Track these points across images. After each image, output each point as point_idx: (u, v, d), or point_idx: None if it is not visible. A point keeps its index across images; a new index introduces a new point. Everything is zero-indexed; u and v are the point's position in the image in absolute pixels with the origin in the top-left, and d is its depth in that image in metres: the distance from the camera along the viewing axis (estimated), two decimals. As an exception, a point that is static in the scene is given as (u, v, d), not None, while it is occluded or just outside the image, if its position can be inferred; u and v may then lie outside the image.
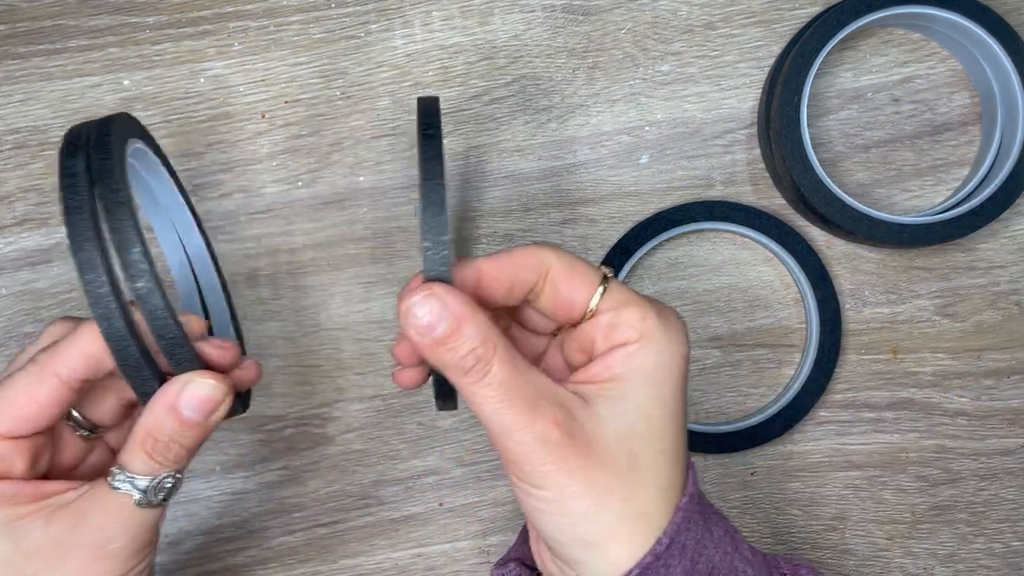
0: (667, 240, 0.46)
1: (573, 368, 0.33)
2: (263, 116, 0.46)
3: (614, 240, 0.46)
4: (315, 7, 0.46)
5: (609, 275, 0.32)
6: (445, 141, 0.46)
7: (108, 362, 0.31)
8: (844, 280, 0.47)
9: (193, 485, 0.46)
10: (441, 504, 0.47)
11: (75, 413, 0.35)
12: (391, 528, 0.47)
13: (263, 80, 0.46)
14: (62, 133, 0.45)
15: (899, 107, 0.47)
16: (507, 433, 0.30)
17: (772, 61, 0.47)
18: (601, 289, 0.32)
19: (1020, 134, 0.44)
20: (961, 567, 0.47)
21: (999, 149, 0.46)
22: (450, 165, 0.46)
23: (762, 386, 0.47)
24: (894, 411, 0.47)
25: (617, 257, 0.46)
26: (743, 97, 0.47)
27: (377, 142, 0.46)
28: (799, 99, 0.44)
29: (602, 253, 0.46)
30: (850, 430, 0.47)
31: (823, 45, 0.43)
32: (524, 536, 0.36)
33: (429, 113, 0.32)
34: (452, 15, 0.46)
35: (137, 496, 0.31)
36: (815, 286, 0.46)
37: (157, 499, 0.32)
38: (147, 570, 0.33)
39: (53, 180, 0.45)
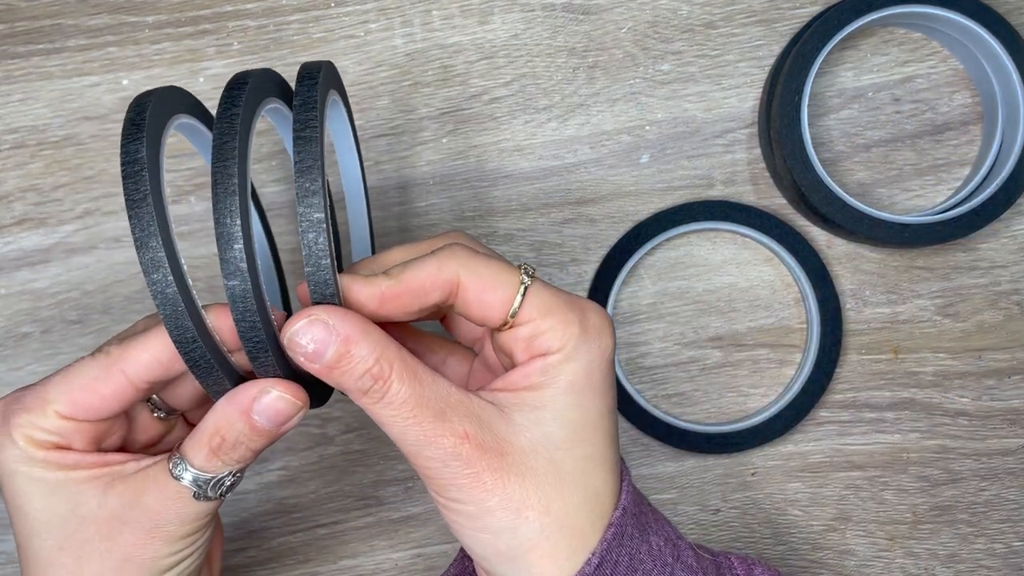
0: (667, 240, 0.46)
1: (504, 369, 0.32)
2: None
3: (614, 240, 0.46)
4: (315, 6, 0.46)
5: (527, 280, 0.31)
6: (445, 140, 0.46)
7: (178, 366, 0.30)
8: (845, 280, 0.47)
9: (192, 485, 0.46)
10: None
11: (154, 396, 0.34)
12: (391, 528, 0.47)
13: (262, 79, 0.46)
14: (61, 132, 0.45)
15: (900, 106, 0.47)
16: (417, 451, 0.29)
17: (773, 60, 0.46)
18: (519, 298, 0.30)
19: (1021, 134, 0.44)
20: (962, 567, 0.47)
21: (1000, 149, 0.45)
22: (451, 165, 0.46)
23: (762, 386, 0.47)
24: (895, 411, 0.47)
25: (617, 257, 0.46)
26: (744, 96, 0.47)
27: (377, 142, 0.46)
28: (800, 98, 0.44)
29: (602, 253, 0.46)
30: (851, 430, 0.47)
31: (824, 44, 0.43)
32: (464, 552, 0.36)
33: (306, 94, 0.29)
34: (452, 14, 0.46)
35: (194, 490, 0.31)
36: (815, 286, 0.46)
37: (215, 494, 0.31)
38: (204, 547, 0.33)
39: (53, 180, 0.45)
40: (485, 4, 0.46)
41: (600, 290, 0.46)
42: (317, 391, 0.31)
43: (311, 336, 0.28)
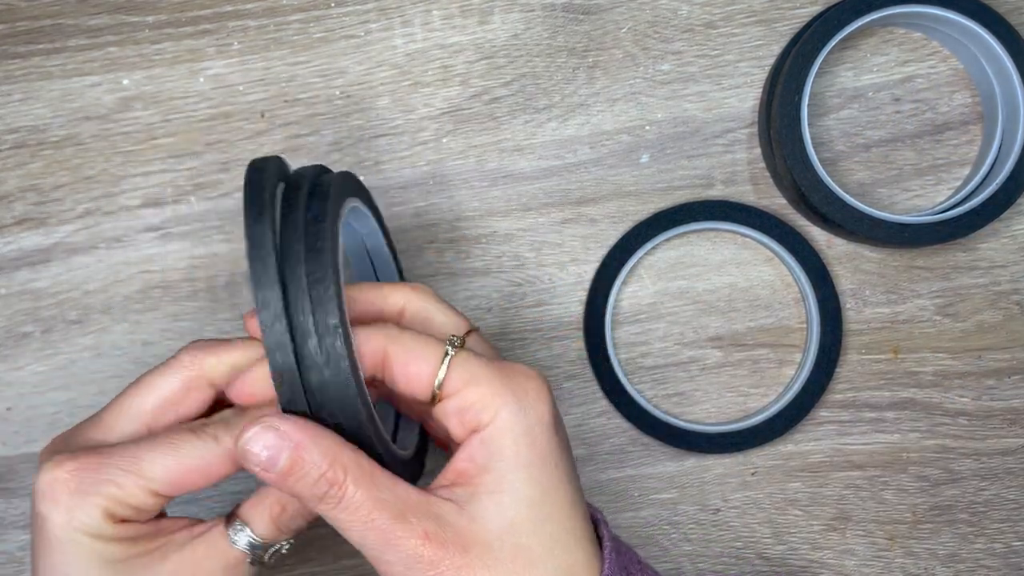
0: (667, 240, 0.46)
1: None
2: (263, 116, 0.46)
3: (614, 240, 0.46)
4: (315, 6, 0.46)
5: (451, 351, 0.30)
6: (445, 140, 0.46)
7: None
8: (845, 280, 0.47)
9: (193, 485, 0.46)
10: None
11: None
12: (391, 528, 0.47)
13: (263, 79, 0.46)
14: (61, 132, 0.45)
15: (900, 106, 0.47)
16: (378, 555, 0.29)
17: (773, 60, 0.46)
18: (443, 370, 0.30)
19: (1021, 134, 0.44)
20: (962, 567, 0.47)
21: (1000, 149, 0.45)
22: (451, 165, 0.46)
23: (762, 386, 0.47)
24: (895, 411, 0.47)
25: (617, 256, 0.46)
26: (743, 96, 0.47)
27: (376, 142, 0.46)
28: (800, 98, 0.44)
29: (602, 253, 0.46)
30: (851, 430, 0.47)
31: (824, 44, 0.43)
32: None
33: (254, 183, 0.29)
34: (452, 14, 0.46)
35: (251, 555, 0.31)
36: (815, 285, 0.46)
37: (270, 560, 0.32)
38: None
39: (53, 179, 0.45)
40: (485, 4, 0.46)
41: (600, 290, 0.46)
42: (400, 470, 0.32)
43: (263, 443, 0.28)
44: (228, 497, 0.46)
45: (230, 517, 0.32)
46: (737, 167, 0.47)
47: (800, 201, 0.45)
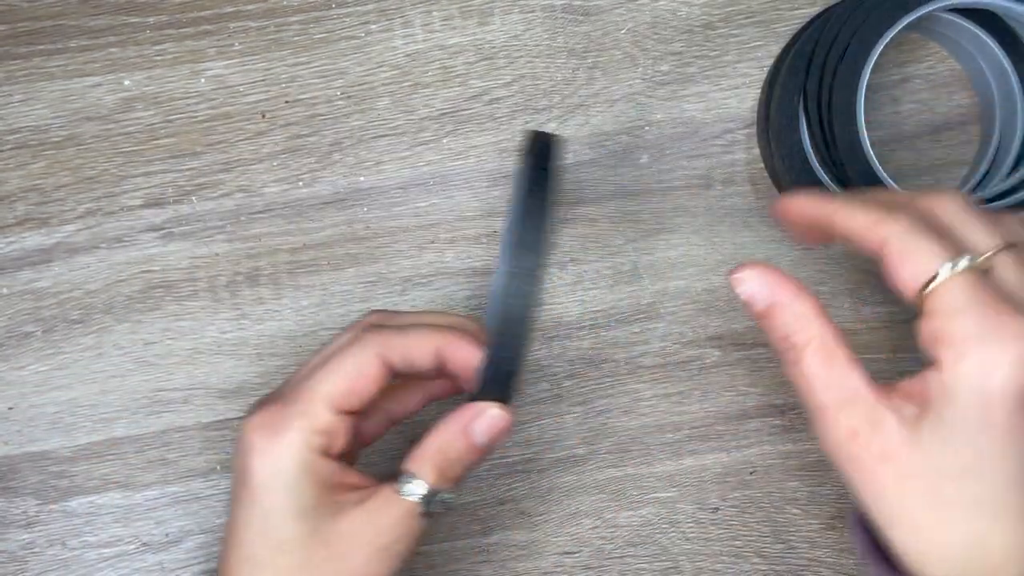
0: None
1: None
2: (263, 116, 0.46)
3: (615, 241, 0.46)
4: (315, 7, 0.46)
5: (950, 271, 0.27)
6: (445, 140, 0.46)
7: (422, 365, 0.34)
8: (843, 279, 0.47)
9: (194, 484, 0.46)
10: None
11: None
12: (391, 527, 0.47)
13: (263, 80, 0.46)
14: (63, 133, 0.45)
15: (898, 107, 0.47)
16: (813, 423, 0.31)
17: (771, 61, 0.47)
18: (936, 283, 0.28)
19: (1018, 134, 0.44)
20: (960, 566, 0.47)
21: (998, 149, 0.46)
22: (451, 165, 0.46)
23: (761, 385, 0.47)
24: (893, 410, 0.47)
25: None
26: (743, 97, 0.47)
27: (377, 142, 0.46)
28: (799, 99, 0.44)
29: (602, 252, 0.46)
30: (849, 429, 0.47)
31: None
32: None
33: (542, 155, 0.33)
34: (452, 15, 0.46)
35: (423, 507, 0.33)
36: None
37: (439, 509, 0.34)
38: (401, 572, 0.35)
39: (54, 180, 0.45)
40: (485, 5, 0.46)
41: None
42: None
43: (745, 288, 0.31)
44: (229, 497, 0.46)
45: (399, 473, 0.34)
46: (736, 167, 0.47)
47: (799, 201, 0.45)
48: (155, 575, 0.46)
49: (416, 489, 0.33)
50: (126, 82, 0.46)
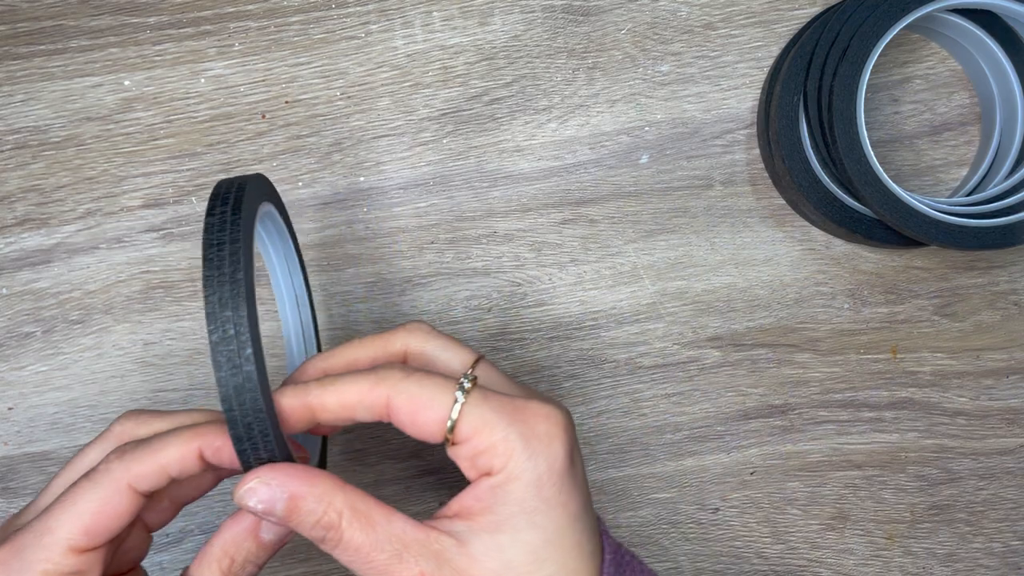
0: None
1: None
2: (263, 116, 0.46)
3: (615, 241, 0.46)
4: (315, 7, 0.46)
5: (461, 398, 0.30)
6: (445, 141, 0.46)
7: (185, 474, 0.31)
8: (843, 279, 0.47)
9: (193, 485, 0.46)
10: (441, 504, 0.47)
11: None
12: (391, 527, 0.47)
13: (264, 80, 0.46)
14: (63, 133, 0.45)
15: (898, 107, 0.47)
16: None
17: (771, 61, 0.47)
18: (455, 412, 0.30)
19: (1019, 134, 0.44)
20: (960, 567, 0.47)
21: (998, 149, 0.46)
22: (451, 165, 0.46)
23: (762, 386, 0.47)
24: (893, 411, 0.47)
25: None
26: (743, 97, 0.47)
27: (377, 142, 0.46)
28: (799, 99, 0.44)
29: (602, 252, 0.46)
30: (849, 430, 0.47)
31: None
32: None
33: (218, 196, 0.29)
34: (452, 15, 0.46)
35: None
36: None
37: None
38: None
39: (54, 180, 0.45)
40: (485, 5, 0.46)
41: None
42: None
43: (258, 498, 0.29)
44: (228, 498, 0.46)
45: None
46: (736, 168, 0.47)
47: (798, 202, 0.45)
48: (155, 575, 0.45)
49: None
50: (126, 82, 0.46)
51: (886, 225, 0.44)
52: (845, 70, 0.42)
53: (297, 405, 0.30)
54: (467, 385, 0.30)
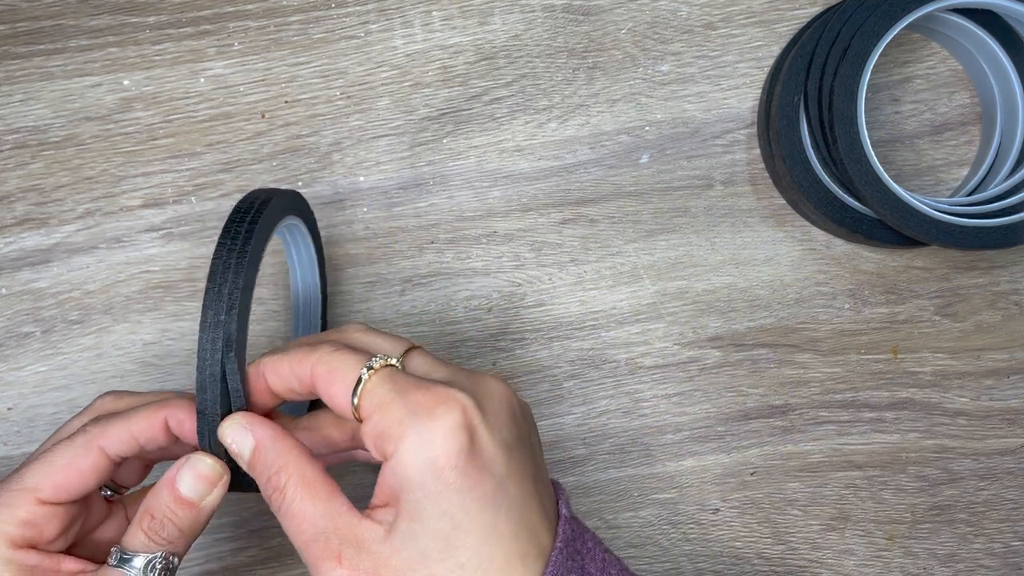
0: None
1: None
2: (263, 116, 0.46)
3: (615, 241, 0.46)
4: (315, 7, 0.46)
5: (365, 373, 0.30)
6: (445, 141, 0.46)
7: (152, 443, 0.34)
8: (843, 279, 0.47)
9: (193, 485, 0.46)
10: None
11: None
12: (391, 528, 0.47)
13: (263, 80, 0.46)
14: (62, 133, 0.45)
15: (899, 107, 0.47)
16: (304, 558, 0.30)
17: (772, 61, 0.47)
18: (356, 393, 0.30)
19: (1020, 134, 0.44)
20: (961, 567, 0.47)
21: (999, 149, 0.46)
22: (451, 165, 0.46)
23: (762, 386, 0.47)
24: (894, 411, 0.47)
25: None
26: (743, 97, 0.47)
27: (377, 142, 0.46)
28: (799, 99, 0.44)
29: (602, 252, 0.46)
30: (850, 430, 0.47)
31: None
32: None
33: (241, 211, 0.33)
34: (452, 15, 0.46)
35: (134, 574, 0.32)
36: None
37: None
38: None
39: (54, 180, 0.45)
40: (485, 5, 0.46)
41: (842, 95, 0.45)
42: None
43: (231, 437, 0.32)
44: (228, 498, 0.46)
45: (113, 547, 0.33)
46: (736, 167, 0.47)
47: (799, 202, 0.45)
48: None
49: (123, 559, 0.32)
50: (125, 82, 0.45)
51: (887, 225, 0.44)
52: (846, 70, 0.42)
53: (253, 373, 0.33)
54: (376, 365, 0.31)
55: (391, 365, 0.31)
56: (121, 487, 0.37)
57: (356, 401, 0.30)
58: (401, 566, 0.29)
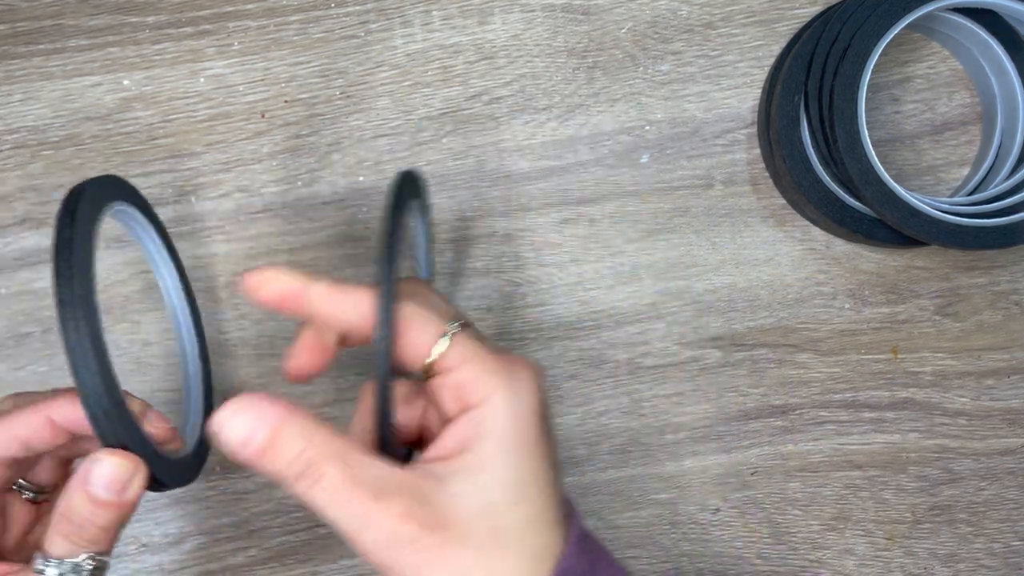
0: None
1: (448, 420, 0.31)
2: (263, 116, 0.46)
3: (615, 241, 0.46)
4: (315, 7, 0.46)
5: (455, 327, 0.31)
6: (445, 140, 0.46)
7: (42, 442, 0.33)
8: (843, 279, 0.47)
9: (193, 486, 0.46)
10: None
11: (20, 480, 0.35)
12: (391, 528, 0.47)
13: (263, 80, 0.46)
14: (62, 133, 0.45)
15: (899, 106, 0.47)
16: (357, 535, 0.28)
17: (772, 61, 0.47)
18: (444, 344, 0.30)
19: (1020, 134, 0.44)
20: (961, 567, 0.47)
21: (999, 149, 0.46)
22: (451, 165, 0.46)
23: (762, 386, 0.47)
24: (894, 411, 0.47)
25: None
26: (743, 97, 0.47)
27: (377, 142, 0.46)
28: (799, 99, 0.44)
29: (602, 252, 0.46)
30: (850, 430, 0.47)
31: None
32: None
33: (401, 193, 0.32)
34: (452, 15, 0.46)
35: None
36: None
37: None
38: None
39: (53, 180, 0.45)
40: (485, 4, 0.46)
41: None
42: (169, 471, 0.33)
43: (238, 422, 0.28)
44: (228, 498, 0.46)
45: (36, 554, 0.32)
46: (736, 167, 0.47)
47: (799, 201, 0.45)
48: (154, 575, 0.46)
49: (45, 566, 0.30)
50: (125, 82, 0.45)
51: (887, 225, 0.44)
52: (846, 69, 0.42)
53: (296, 284, 0.30)
54: (463, 323, 0.31)
55: (470, 326, 0.31)
56: (42, 488, 0.36)
57: (444, 350, 0.30)
58: (467, 516, 0.29)
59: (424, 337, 0.30)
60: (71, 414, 0.32)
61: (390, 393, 0.30)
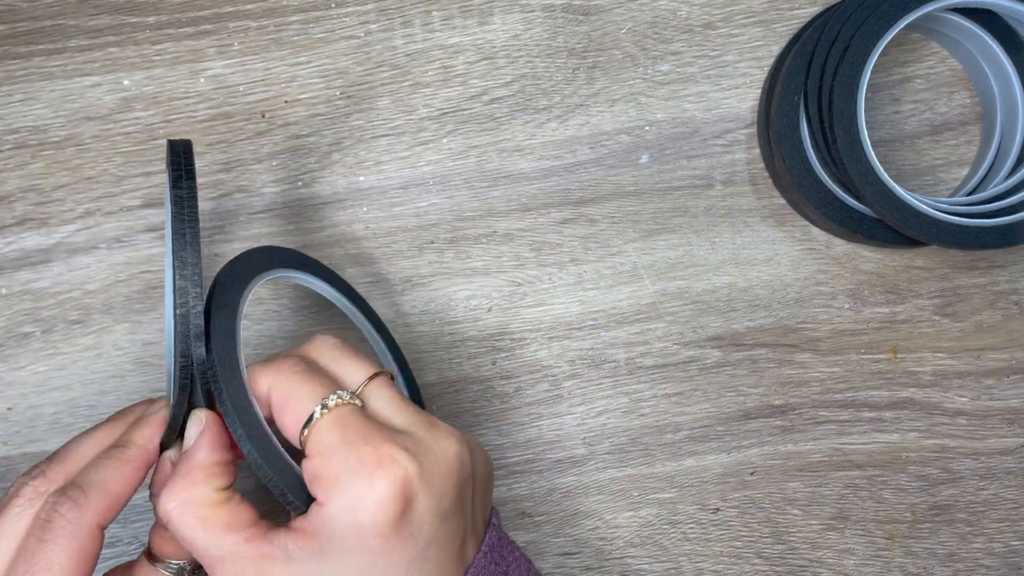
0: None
1: None
2: (263, 116, 0.46)
3: (615, 241, 0.46)
4: (315, 7, 0.46)
5: (318, 413, 0.30)
6: (445, 140, 0.46)
7: (131, 486, 0.33)
8: (844, 280, 0.47)
9: (193, 485, 0.46)
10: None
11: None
12: (391, 528, 0.47)
13: (263, 80, 0.46)
14: (62, 133, 0.45)
15: (899, 107, 0.47)
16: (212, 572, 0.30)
17: (772, 61, 0.47)
18: (306, 430, 0.30)
19: (1020, 134, 0.44)
20: (961, 567, 0.47)
21: (999, 149, 0.46)
22: (451, 165, 0.46)
23: (762, 386, 0.47)
24: (894, 411, 0.47)
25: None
26: (743, 97, 0.47)
27: (377, 142, 0.46)
28: (799, 99, 0.44)
29: (602, 252, 0.46)
30: (850, 430, 0.47)
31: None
32: None
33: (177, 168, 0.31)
34: (452, 15, 0.46)
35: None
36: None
37: None
38: None
39: (54, 180, 0.45)
40: (485, 5, 0.46)
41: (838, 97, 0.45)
42: None
43: (194, 427, 0.31)
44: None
45: (150, 556, 0.33)
46: (736, 167, 0.47)
47: (799, 201, 0.45)
48: None
49: (166, 568, 0.33)
50: (125, 82, 0.45)
51: (887, 225, 0.44)
52: (845, 70, 0.42)
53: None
54: (331, 403, 0.30)
55: (349, 403, 0.30)
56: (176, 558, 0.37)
57: (303, 436, 0.30)
58: None
59: (292, 417, 0.30)
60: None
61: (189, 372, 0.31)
